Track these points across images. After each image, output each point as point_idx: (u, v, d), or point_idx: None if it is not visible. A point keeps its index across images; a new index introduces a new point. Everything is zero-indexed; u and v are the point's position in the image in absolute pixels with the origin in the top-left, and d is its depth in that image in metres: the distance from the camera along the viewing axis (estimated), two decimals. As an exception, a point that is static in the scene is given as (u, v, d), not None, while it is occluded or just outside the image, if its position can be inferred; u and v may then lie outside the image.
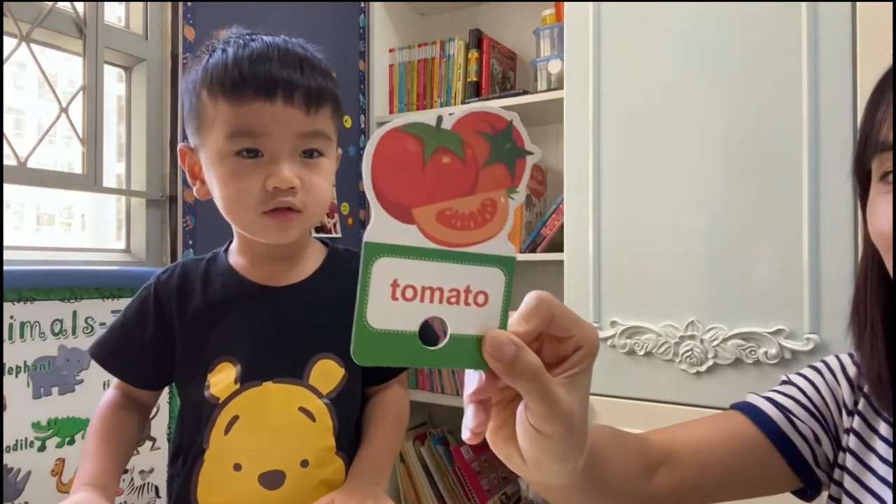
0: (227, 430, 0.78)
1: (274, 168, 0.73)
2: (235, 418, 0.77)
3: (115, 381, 0.84)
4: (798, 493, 0.69)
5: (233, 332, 0.80)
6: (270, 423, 0.78)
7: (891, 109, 0.53)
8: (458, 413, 2.20)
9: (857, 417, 0.64)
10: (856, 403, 0.65)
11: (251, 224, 0.77)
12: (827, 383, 0.67)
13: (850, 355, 0.68)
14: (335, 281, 0.84)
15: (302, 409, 0.78)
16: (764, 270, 1.39)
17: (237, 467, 0.77)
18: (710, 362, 1.44)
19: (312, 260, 0.86)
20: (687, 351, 1.46)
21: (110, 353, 0.84)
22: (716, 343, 1.43)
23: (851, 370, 0.66)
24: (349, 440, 0.82)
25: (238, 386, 0.78)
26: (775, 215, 1.38)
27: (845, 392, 0.66)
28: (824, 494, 0.67)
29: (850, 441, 0.63)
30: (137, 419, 0.85)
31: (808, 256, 1.34)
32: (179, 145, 0.82)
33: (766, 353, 1.38)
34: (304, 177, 0.75)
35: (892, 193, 0.53)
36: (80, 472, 0.77)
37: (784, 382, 0.71)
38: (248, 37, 0.78)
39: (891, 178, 0.53)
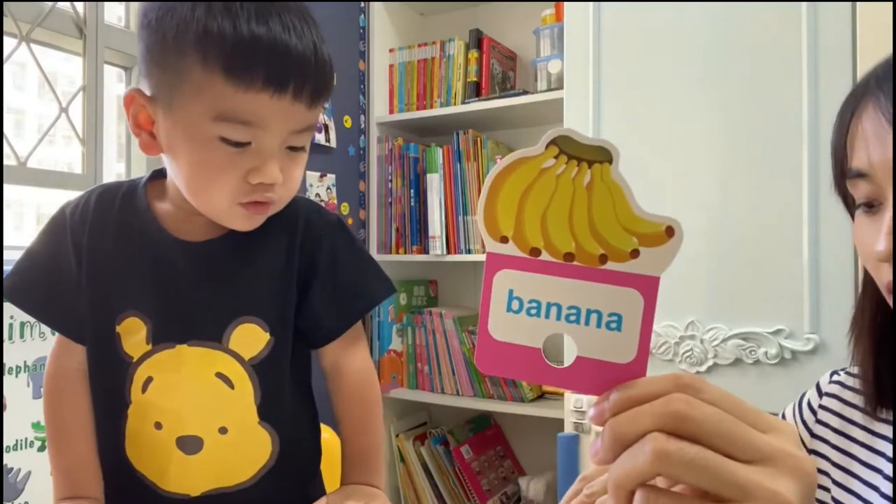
0: (143, 390, 0.73)
1: (261, 163, 0.66)
2: (150, 379, 0.72)
3: (54, 345, 0.76)
4: None
5: (143, 286, 0.73)
6: (184, 388, 0.72)
7: (856, 135, 0.57)
8: (459, 413, 2.20)
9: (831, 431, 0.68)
10: (817, 422, 0.71)
11: (220, 212, 0.70)
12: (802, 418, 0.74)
13: (832, 373, 0.72)
14: (275, 234, 0.75)
15: (219, 375, 0.72)
16: (764, 271, 1.39)
17: (158, 426, 0.73)
18: (710, 362, 1.44)
19: None
20: (687, 351, 1.46)
21: (43, 300, 0.75)
22: (716, 343, 1.43)
23: (815, 400, 0.72)
24: (277, 411, 0.75)
25: (150, 347, 0.72)
26: (775, 215, 1.38)
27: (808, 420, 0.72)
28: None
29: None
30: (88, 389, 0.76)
31: (808, 256, 1.34)
32: (128, 89, 0.70)
33: (766, 353, 1.38)
34: (285, 171, 0.69)
35: (894, 219, 0.55)
36: (56, 483, 0.73)
37: None
38: None
39: (868, 207, 0.57)
